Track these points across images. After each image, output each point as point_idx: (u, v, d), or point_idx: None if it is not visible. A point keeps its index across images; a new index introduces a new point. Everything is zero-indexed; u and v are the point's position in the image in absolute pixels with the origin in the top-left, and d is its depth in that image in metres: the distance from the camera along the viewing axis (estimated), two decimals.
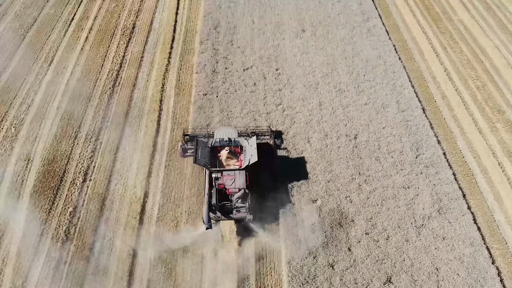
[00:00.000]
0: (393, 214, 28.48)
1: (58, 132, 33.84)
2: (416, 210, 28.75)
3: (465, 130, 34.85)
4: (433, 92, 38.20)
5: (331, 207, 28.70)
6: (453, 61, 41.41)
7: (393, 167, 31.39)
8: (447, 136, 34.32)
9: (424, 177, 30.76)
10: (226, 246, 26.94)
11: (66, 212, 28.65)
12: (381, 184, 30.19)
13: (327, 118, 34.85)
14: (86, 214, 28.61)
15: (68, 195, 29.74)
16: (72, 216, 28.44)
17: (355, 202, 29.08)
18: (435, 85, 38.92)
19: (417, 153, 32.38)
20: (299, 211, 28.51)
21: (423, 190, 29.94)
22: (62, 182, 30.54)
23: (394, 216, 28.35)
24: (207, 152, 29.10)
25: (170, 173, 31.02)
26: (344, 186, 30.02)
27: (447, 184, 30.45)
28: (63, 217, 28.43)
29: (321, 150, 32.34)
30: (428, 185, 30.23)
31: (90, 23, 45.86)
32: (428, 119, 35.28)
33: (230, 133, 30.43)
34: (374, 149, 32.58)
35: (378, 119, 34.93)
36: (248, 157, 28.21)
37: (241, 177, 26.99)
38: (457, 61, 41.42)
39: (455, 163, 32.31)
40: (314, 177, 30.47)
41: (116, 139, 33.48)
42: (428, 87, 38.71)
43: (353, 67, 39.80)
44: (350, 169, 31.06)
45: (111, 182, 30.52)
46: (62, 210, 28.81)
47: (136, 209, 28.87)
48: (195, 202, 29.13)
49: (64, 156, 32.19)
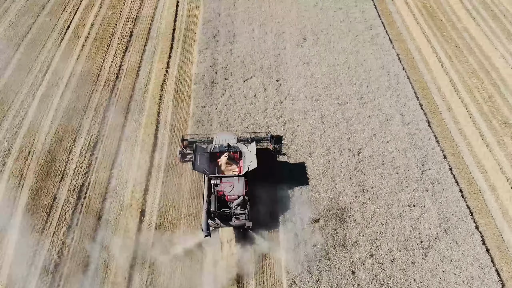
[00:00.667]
0: (398, 234, 27.44)
1: (52, 147, 32.82)
2: (422, 230, 27.71)
3: (471, 144, 33.80)
4: (438, 104, 37.16)
5: (334, 227, 27.66)
6: (459, 71, 40.37)
7: (398, 184, 30.35)
8: (453, 150, 33.28)
9: (430, 195, 29.72)
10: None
11: (59, 232, 27.67)
12: (385, 202, 29.15)
13: (330, 132, 33.82)
14: (80, 234, 27.63)
15: (61, 214, 28.75)
16: (66, 236, 27.47)
17: (359, 222, 28.04)
18: (440, 97, 37.87)
19: (422, 169, 31.35)
20: (301, 231, 27.48)
21: (429, 208, 28.90)
22: (56, 200, 29.55)
23: (400, 237, 27.31)
24: (206, 158, 28.61)
25: (168, 190, 30.00)
26: (348, 205, 28.99)
27: (454, 202, 29.40)
28: (56, 237, 27.46)
29: (323, 166, 31.31)
30: (434, 203, 29.19)
31: (86, 31, 44.87)
32: (434, 132, 34.23)
33: (229, 138, 29.95)
34: (378, 164, 31.55)
35: (382, 132, 33.90)
36: (247, 163, 27.71)
37: (240, 184, 26.46)
38: (462, 71, 40.37)
39: (462, 179, 31.26)
40: (316, 195, 29.44)
41: (112, 155, 32.46)
42: (433, 99, 37.65)
43: (356, 78, 38.78)
44: (353, 186, 30.03)
45: (106, 201, 29.52)
46: (56, 230, 27.85)
47: (132, 229, 27.88)
48: (192, 222, 28.11)
49: (58, 172, 31.17)
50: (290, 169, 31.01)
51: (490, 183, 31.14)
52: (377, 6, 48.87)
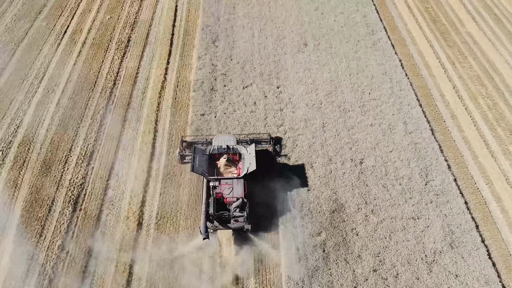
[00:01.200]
0: (402, 248, 26.71)
1: (47, 157, 32.07)
2: (427, 243, 26.98)
3: (476, 154, 33.08)
4: (442, 111, 36.42)
5: (336, 241, 26.94)
6: (462, 77, 39.65)
7: (402, 195, 29.62)
8: (457, 160, 32.55)
9: (435, 207, 29.00)
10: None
11: (54, 246, 26.95)
12: (389, 215, 28.43)
13: (331, 141, 33.08)
14: (76, 248, 26.89)
15: (56, 226, 28.03)
16: (61, 250, 26.74)
17: (361, 235, 27.32)
18: (444, 104, 37.14)
19: (426, 179, 30.62)
20: (302, 245, 26.75)
21: (434, 221, 28.17)
22: (51, 212, 28.82)
23: (404, 251, 26.58)
24: (205, 160, 28.31)
25: (165, 202, 29.28)
26: (350, 217, 28.26)
27: (458, 214, 28.67)
28: (50, 251, 26.74)
29: (325, 177, 30.57)
30: (439, 216, 28.46)
31: (83, 37, 44.10)
32: (438, 141, 33.50)
33: (228, 140, 29.75)
34: (381, 175, 30.82)
35: (385, 141, 33.17)
36: (246, 165, 27.40)
37: (239, 186, 26.26)
38: (466, 77, 39.65)
39: (467, 190, 30.53)
40: (318, 207, 28.71)
41: (108, 164, 31.72)
42: (436, 106, 36.91)
43: (357, 85, 38.04)
44: (356, 198, 29.30)
45: (103, 212, 28.79)
46: (50, 243, 27.13)
47: (129, 242, 27.16)
48: (191, 234, 27.37)
49: (53, 183, 30.44)
50: (290, 180, 30.25)
51: (495, 194, 30.42)
52: (379, 10, 48.12)
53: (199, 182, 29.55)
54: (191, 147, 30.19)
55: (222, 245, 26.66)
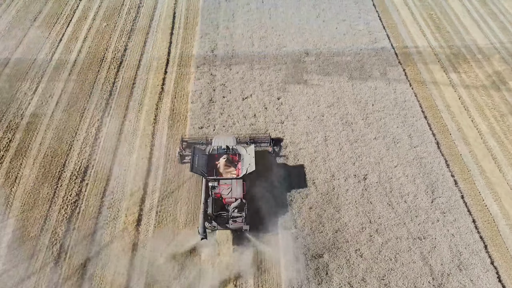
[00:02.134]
0: (408, 271, 25.63)
1: (40, 172, 31.00)
2: (434, 266, 25.91)
3: (483, 168, 32.02)
4: (447, 124, 35.34)
5: (339, 263, 25.86)
6: (468, 86, 38.60)
7: (407, 213, 28.56)
8: (464, 175, 31.48)
9: (442, 226, 27.94)
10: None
11: (46, 268, 25.89)
12: (394, 235, 27.36)
13: (334, 156, 32.02)
14: (69, 270, 25.83)
15: (49, 247, 26.95)
16: (53, 273, 25.67)
17: (366, 257, 26.24)
18: (449, 115, 36.06)
19: (432, 196, 29.56)
20: (304, 267, 25.67)
21: (441, 241, 27.11)
22: (43, 231, 27.74)
23: (410, 274, 25.50)
24: (204, 160, 28.18)
25: (162, 221, 28.21)
26: (354, 237, 27.19)
27: (466, 233, 27.62)
28: (43, 273, 25.66)
29: (327, 194, 29.50)
30: (446, 235, 27.40)
31: (79, 45, 43.03)
32: (444, 155, 32.44)
33: (228, 141, 29.67)
34: (386, 192, 29.76)
35: (389, 156, 32.11)
36: (245, 166, 27.31)
37: (238, 187, 26.44)
38: (471, 87, 38.60)
39: (474, 207, 29.47)
40: (320, 227, 27.63)
41: (103, 180, 30.65)
42: (441, 118, 35.82)
43: (360, 96, 36.98)
44: (360, 217, 28.23)
45: (97, 232, 27.71)
46: (42, 265, 26.06)
47: (124, 264, 26.09)
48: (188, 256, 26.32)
49: (46, 200, 29.37)
50: (292, 197, 29.20)
51: (504, 211, 29.36)
52: (382, 18, 47.05)
53: (197, 199, 28.65)
54: (191, 147, 29.97)
55: (220, 246, 26.25)
